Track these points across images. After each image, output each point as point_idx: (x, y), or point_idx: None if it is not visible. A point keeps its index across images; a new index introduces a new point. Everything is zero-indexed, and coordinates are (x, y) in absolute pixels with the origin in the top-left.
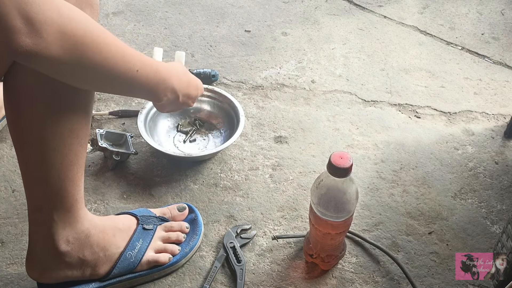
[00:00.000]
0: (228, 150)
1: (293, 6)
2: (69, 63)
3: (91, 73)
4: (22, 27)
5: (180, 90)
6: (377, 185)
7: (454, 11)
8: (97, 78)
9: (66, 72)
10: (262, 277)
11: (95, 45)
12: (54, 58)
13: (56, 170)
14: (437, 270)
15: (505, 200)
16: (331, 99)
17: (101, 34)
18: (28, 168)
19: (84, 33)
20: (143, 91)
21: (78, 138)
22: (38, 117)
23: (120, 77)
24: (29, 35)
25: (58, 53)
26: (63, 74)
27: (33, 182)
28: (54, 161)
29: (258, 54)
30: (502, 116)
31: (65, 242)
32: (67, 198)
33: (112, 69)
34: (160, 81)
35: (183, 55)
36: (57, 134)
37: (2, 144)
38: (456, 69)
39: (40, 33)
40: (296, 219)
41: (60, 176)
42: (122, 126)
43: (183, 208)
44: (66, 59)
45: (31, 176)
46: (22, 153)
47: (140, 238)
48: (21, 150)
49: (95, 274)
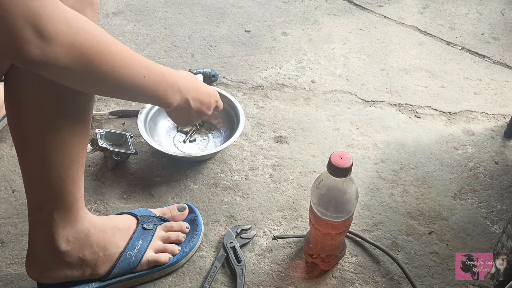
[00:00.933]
0: (228, 150)
1: (293, 6)
2: (77, 72)
3: (99, 81)
4: (32, 37)
5: (189, 93)
6: (377, 185)
7: (454, 11)
8: (105, 85)
9: (74, 79)
10: (262, 277)
11: (103, 55)
12: (62, 67)
13: (57, 170)
14: (437, 270)
15: (505, 200)
16: (331, 99)
17: (108, 43)
18: (28, 167)
19: (91, 43)
20: (152, 96)
21: (78, 137)
22: (39, 116)
23: (127, 84)
24: (38, 45)
25: (66, 62)
26: (71, 81)
27: (33, 182)
28: (55, 161)
29: (258, 54)
30: (502, 116)
31: (65, 242)
32: (68, 198)
33: (119, 77)
34: (167, 86)
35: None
36: (58, 133)
37: (2, 144)
38: (456, 69)
39: (49, 44)
40: (296, 219)
41: (60, 176)
42: (122, 126)
43: (183, 208)
44: (74, 68)
45: (31, 175)
46: (22, 153)
47: (140, 238)
48: (22, 150)
49: (95, 274)
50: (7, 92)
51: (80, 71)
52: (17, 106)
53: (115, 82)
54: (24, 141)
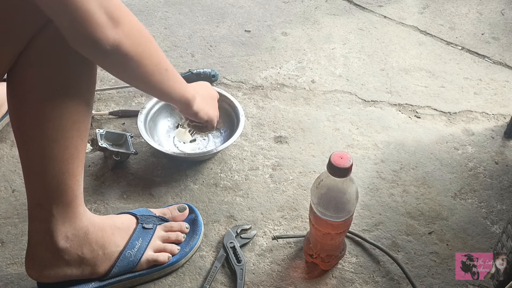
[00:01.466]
0: (228, 150)
1: (293, 6)
2: (133, 59)
3: (139, 72)
4: (106, 21)
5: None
6: (377, 185)
7: (454, 11)
8: (141, 78)
9: (122, 67)
10: (262, 277)
11: (154, 50)
12: (125, 54)
13: (57, 163)
14: (437, 270)
15: (505, 200)
16: (331, 99)
17: (152, 40)
18: (29, 161)
19: (146, 35)
20: (176, 95)
21: (79, 131)
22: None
23: (155, 81)
24: (112, 29)
25: (129, 46)
26: (125, 72)
27: (34, 176)
28: (55, 153)
29: (258, 54)
30: (502, 116)
31: (63, 238)
32: (67, 193)
33: (155, 73)
34: (177, 82)
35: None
36: (60, 126)
37: (2, 144)
38: (456, 69)
39: (120, 27)
40: (296, 219)
41: (61, 169)
42: (122, 126)
43: (183, 209)
44: (132, 54)
45: (32, 170)
46: (24, 147)
47: (139, 237)
48: (23, 144)
49: (94, 273)
50: (11, 84)
51: (136, 58)
52: (20, 98)
53: (153, 79)
54: (26, 134)
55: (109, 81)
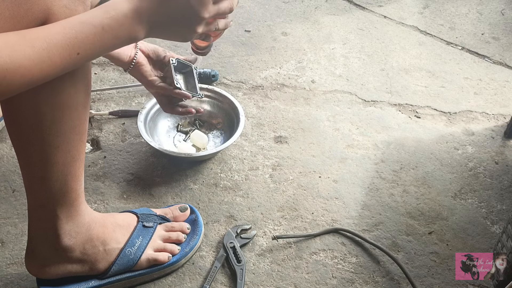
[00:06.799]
0: (228, 150)
1: (293, 6)
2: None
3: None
4: None
5: (148, 17)
6: (377, 185)
7: (454, 11)
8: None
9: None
10: (262, 277)
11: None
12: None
13: (60, 167)
14: (437, 270)
15: (505, 200)
16: (331, 99)
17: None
18: (30, 167)
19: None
20: (108, 49)
21: (79, 134)
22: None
23: (64, 69)
24: None
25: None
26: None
27: (36, 181)
28: (58, 159)
29: (258, 54)
30: (502, 116)
31: (67, 236)
32: (70, 193)
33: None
34: (111, 37)
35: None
36: (60, 132)
37: (2, 144)
38: (456, 69)
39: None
40: (296, 219)
41: (63, 172)
42: (122, 126)
43: (185, 209)
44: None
45: (34, 175)
46: (24, 153)
47: (140, 235)
48: (23, 150)
49: (94, 269)
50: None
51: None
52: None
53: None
54: (26, 142)
55: (109, 81)
